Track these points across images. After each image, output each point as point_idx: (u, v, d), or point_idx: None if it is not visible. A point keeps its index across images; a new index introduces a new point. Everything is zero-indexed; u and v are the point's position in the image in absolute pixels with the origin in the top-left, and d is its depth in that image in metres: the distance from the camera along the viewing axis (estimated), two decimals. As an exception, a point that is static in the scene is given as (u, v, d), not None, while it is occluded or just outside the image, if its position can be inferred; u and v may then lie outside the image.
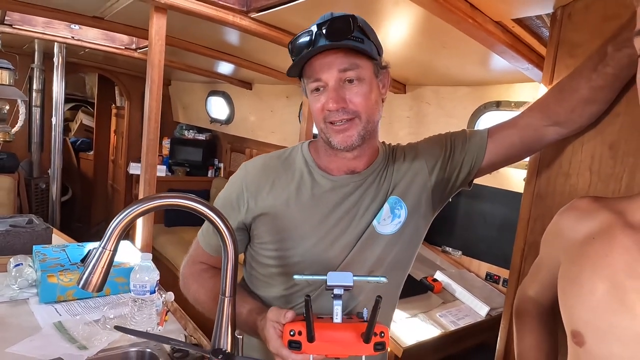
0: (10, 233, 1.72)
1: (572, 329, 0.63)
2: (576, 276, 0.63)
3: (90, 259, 0.77)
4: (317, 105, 0.86)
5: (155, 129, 1.60)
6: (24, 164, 3.93)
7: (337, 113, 0.83)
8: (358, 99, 0.83)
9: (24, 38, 3.11)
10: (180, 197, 0.81)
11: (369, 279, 0.74)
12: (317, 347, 0.70)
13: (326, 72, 0.83)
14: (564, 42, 1.00)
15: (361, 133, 0.85)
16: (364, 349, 0.71)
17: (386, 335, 0.72)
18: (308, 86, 0.87)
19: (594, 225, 0.64)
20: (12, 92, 2.08)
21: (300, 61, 0.84)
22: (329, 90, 0.83)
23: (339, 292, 0.72)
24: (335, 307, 0.73)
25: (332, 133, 0.86)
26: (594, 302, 0.59)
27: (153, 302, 1.09)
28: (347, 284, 0.71)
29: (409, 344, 1.63)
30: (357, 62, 0.83)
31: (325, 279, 0.71)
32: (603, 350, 0.58)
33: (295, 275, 0.74)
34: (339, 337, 0.71)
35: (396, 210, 0.93)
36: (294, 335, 0.70)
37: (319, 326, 0.71)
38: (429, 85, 2.24)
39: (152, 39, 1.53)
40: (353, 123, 0.84)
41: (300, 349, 0.70)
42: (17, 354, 0.97)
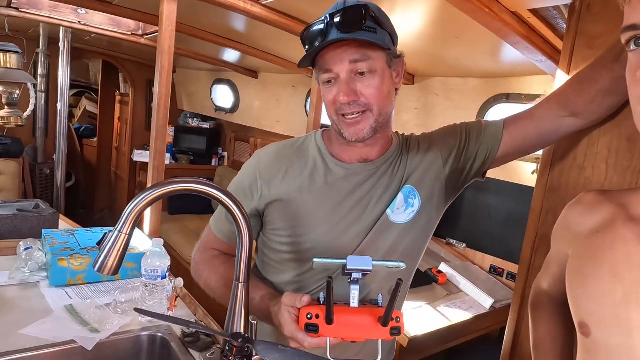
0: (18, 217, 1.72)
1: (579, 320, 0.64)
2: (581, 269, 0.64)
3: (107, 242, 0.77)
4: (329, 97, 0.86)
5: (165, 116, 1.59)
6: (29, 150, 3.93)
7: (349, 106, 0.83)
8: (370, 91, 0.83)
9: (29, 22, 3.09)
10: (195, 182, 0.81)
11: (388, 263, 0.74)
12: (335, 330, 0.71)
13: (338, 64, 0.82)
14: (582, 33, 0.98)
15: (373, 125, 0.85)
16: (381, 332, 0.71)
17: (402, 321, 0.73)
18: (320, 77, 0.86)
19: (598, 218, 0.65)
20: (21, 75, 2.08)
21: (312, 53, 0.83)
22: (341, 82, 0.83)
23: (357, 277, 0.72)
24: (352, 292, 0.73)
25: (343, 125, 0.86)
26: (597, 294, 0.60)
27: (164, 287, 1.10)
28: (366, 268, 0.71)
29: (414, 335, 1.65)
30: (369, 54, 0.82)
31: (345, 263, 0.71)
32: (608, 340, 0.59)
33: (315, 258, 0.74)
34: (356, 320, 0.72)
35: (410, 199, 0.93)
36: (310, 318, 0.70)
37: (337, 310, 0.72)
38: (438, 77, 2.23)
39: (163, 25, 1.52)
40: (365, 116, 0.84)
41: (318, 332, 0.70)
42: (30, 335, 0.98)
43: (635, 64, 0.54)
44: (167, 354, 1.02)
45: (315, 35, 0.82)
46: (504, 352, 1.17)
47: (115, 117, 5.07)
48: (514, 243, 2.34)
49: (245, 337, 0.58)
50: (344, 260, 0.72)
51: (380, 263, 0.73)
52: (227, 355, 0.58)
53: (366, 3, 0.82)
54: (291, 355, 0.57)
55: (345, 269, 0.72)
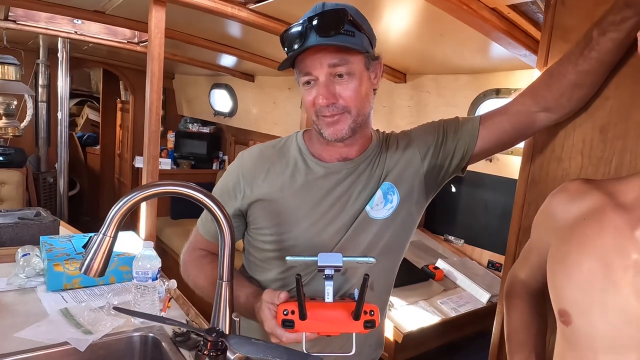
0: (19, 225, 1.76)
1: (559, 308, 0.64)
2: (565, 256, 0.65)
3: (91, 245, 0.80)
4: (308, 98, 0.88)
5: (157, 121, 1.62)
6: (32, 159, 3.99)
7: (327, 108, 0.85)
8: (348, 94, 0.85)
9: (28, 34, 3.14)
10: (177, 184, 0.83)
11: (358, 259, 0.77)
12: (309, 325, 0.73)
13: (317, 68, 0.84)
14: (557, 27, 1.00)
15: (351, 126, 0.87)
16: (354, 326, 0.73)
17: (376, 314, 0.74)
18: (299, 79, 0.89)
19: (584, 206, 0.65)
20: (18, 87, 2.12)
21: (291, 57, 0.85)
22: (319, 85, 0.85)
23: (329, 273, 0.74)
24: (326, 288, 0.75)
25: (323, 125, 0.88)
26: (582, 281, 0.60)
27: (155, 289, 1.13)
28: (336, 264, 0.74)
29: (409, 330, 1.66)
30: (347, 57, 0.84)
31: (316, 259, 0.74)
32: (589, 328, 0.59)
33: (288, 257, 0.76)
34: (330, 315, 0.74)
35: (389, 195, 0.95)
36: (287, 314, 0.73)
37: (311, 305, 0.74)
38: (429, 74, 2.24)
39: (152, 32, 1.55)
40: (343, 117, 0.86)
41: (293, 327, 0.72)
42: (25, 338, 1.01)
43: None
44: (159, 353, 1.05)
45: (294, 38, 0.84)
46: (493, 343, 1.18)
47: (117, 124, 5.12)
48: (511, 238, 2.34)
49: (218, 331, 0.60)
50: (316, 257, 0.74)
51: (350, 259, 0.75)
52: (202, 349, 0.60)
53: (344, 6, 0.83)
54: (263, 348, 0.59)
55: (317, 266, 0.74)
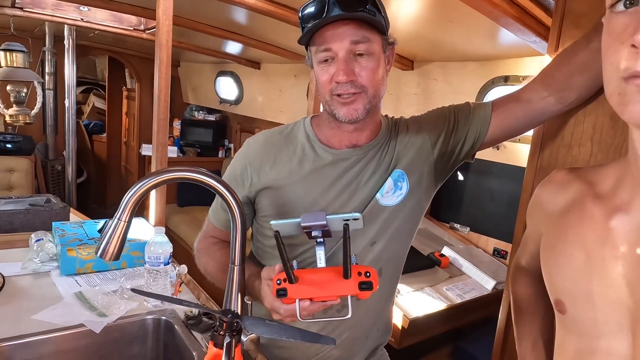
0: (30, 211, 1.79)
1: (554, 298, 0.65)
2: (554, 247, 0.66)
3: (107, 229, 0.81)
4: (324, 76, 0.85)
5: (165, 109, 1.63)
6: (40, 147, 4.02)
7: (345, 86, 0.83)
8: (366, 73, 0.83)
9: (34, 21, 3.14)
10: (189, 170, 0.84)
11: (343, 216, 0.72)
12: (301, 290, 0.71)
13: (337, 42, 0.82)
14: (569, 12, 0.99)
15: (367, 107, 0.86)
16: (347, 287, 0.70)
17: (373, 275, 0.71)
18: (316, 56, 0.86)
19: (568, 196, 0.66)
20: (27, 74, 2.13)
21: (314, 28, 0.82)
22: (339, 61, 0.82)
23: (317, 234, 0.72)
24: (317, 253, 0.73)
25: (337, 105, 0.86)
26: (570, 271, 0.61)
27: (167, 273, 1.15)
28: (320, 223, 0.71)
29: (415, 316, 1.68)
30: (368, 36, 0.82)
31: (299, 220, 0.72)
32: (582, 316, 0.60)
33: (272, 221, 0.74)
34: (321, 278, 0.71)
35: (399, 183, 0.95)
36: (280, 283, 0.71)
37: (303, 272, 0.72)
38: (437, 62, 2.23)
39: (160, 19, 1.55)
40: (359, 97, 0.85)
41: (287, 295, 0.70)
42: (42, 320, 1.03)
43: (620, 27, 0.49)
44: (172, 336, 1.08)
45: (316, 11, 0.81)
46: (499, 329, 1.20)
47: (123, 112, 5.14)
48: (517, 225, 2.34)
49: (234, 313, 0.61)
50: (299, 219, 0.72)
51: (334, 217, 0.72)
52: (218, 330, 0.62)
53: None
54: (277, 329, 0.60)
55: (301, 227, 0.71)
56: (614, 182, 0.62)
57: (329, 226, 0.72)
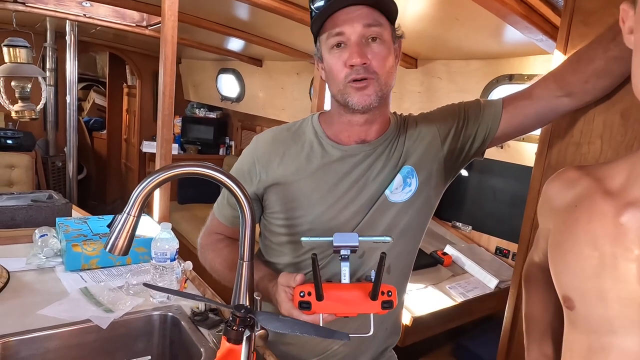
0: (33, 207, 1.78)
1: (562, 294, 0.65)
2: (562, 244, 0.66)
3: (116, 224, 0.81)
4: (337, 62, 0.84)
5: (170, 105, 1.62)
6: (40, 143, 4.01)
7: (359, 69, 0.82)
8: (379, 59, 0.83)
9: (35, 16, 3.12)
10: (199, 165, 0.83)
11: (374, 239, 0.76)
12: (326, 306, 0.72)
13: (350, 26, 0.81)
14: (578, 10, 0.99)
15: (379, 94, 0.84)
16: (371, 306, 0.72)
17: (394, 295, 0.73)
18: (327, 42, 0.85)
19: (576, 193, 0.66)
20: (31, 69, 2.12)
21: (327, 11, 0.81)
22: (352, 45, 0.82)
23: (345, 253, 0.73)
24: (343, 269, 0.75)
25: (351, 92, 0.84)
26: (579, 268, 0.61)
27: (173, 269, 1.14)
28: (352, 244, 0.72)
29: (418, 314, 1.68)
30: (380, 20, 0.82)
31: (332, 239, 0.73)
32: (591, 312, 0.61)
33: (303, 237, 0.76)
34: (347, 296, 0.73)
35: (408, 179, 0.94)
36: (303, 296, 0.72)
37: (328, 287, 0.74)
38: (441, 60, 2.23)
39: (165, 15, 1.54)
40: (372, 82, 0.83)
41: (310, 309, 0.72)
42: (48, 315, 1.03)
43: None
44: (178, 332, 1.07)
45: None
46: (505, 328, 1.20)
47: (123, 109, 5.12)
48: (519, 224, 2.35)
49: (247, 308, 0.61)
50: (332, 237, 0.73)
51: (367, 239, 0.74)
52: (231, 325, 0.61)
53: None
54: (290, 324, 0.60)
55: (333, 246, 0.73)
56: (625, 179, 0.61)
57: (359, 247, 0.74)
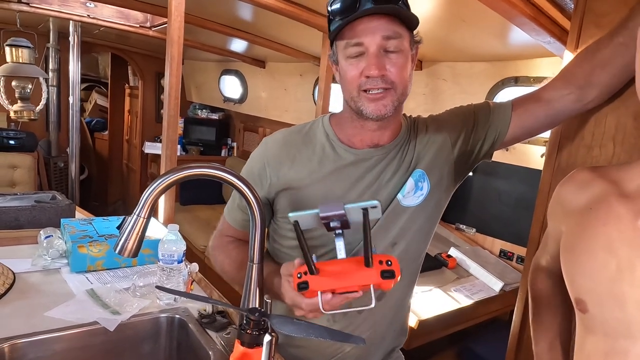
0: (36, 208, 1.77)
1: (575, 297, 0.65)
2: (576, 246, 0.65)
3: (126, 226, 0.80)
4: (353, 72, 0.84)
5: (176, 106, 1.62)
6: (43, 143, 4.00)
7: (375, 80, 0.82)
8: (396, 70, 0.82)
9: (39, 17, 3.12)
10: (209, 167, 0.83)
11: (360, 204, 0.70)
12: (323, 282, 0.69)
13: (369, 37, 0.80)
14: (589, 11, 0.98)
15: (395, 104, 0.84)
16: (369, 276, 0.68)
17: (394, 264, 0.69)
18: (345, 51, 0.84)
19: (590, 195, 0.65)
20: (33, 70, 2.12)
21: (345, 21, 0.80)
22: (370, 56, 0.81)
23: (335, 224, 0.70)
24: (337, 244, 0.72)
25: (365, 101, 0.84)
26: (592, 270, 0.61)
27: (180, 271, 1.14)
28: (338, 212, 0.69)
29: (424, 317, 1.67)
30: (399, 32, 0.81)
31: (318, 211, 0.70)
32: (607, 316, 0.60)
33: (290, 213, 0.73)
34: (342, 268, 0.70)
35: (420, 183, 0.94)
36: (300, 277, 0.69)
37: (323, 264, 0.71)
38: (445, 62, 2.23)
39: (172, 15, 1.54)
40: (388, 93, 0.83)
41: (308, 287, 0.69)
42: (55, 317, 1.02)
43: None
44: (185, 334, 1.06)
45: (347, 4, 0.80)
46: (513, 331, 1.19)
47: (125, 110, 5.12)
48: (523, 227, 2.34)
49: (261, 311, 0.61)
50: (317, 210, 0.70)
51: (352, 205, 0.70)
52: (245, 328, 0.61)
53: None
54: (305, 328, 0.59)
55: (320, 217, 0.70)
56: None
57: (347, 215, 0.71)
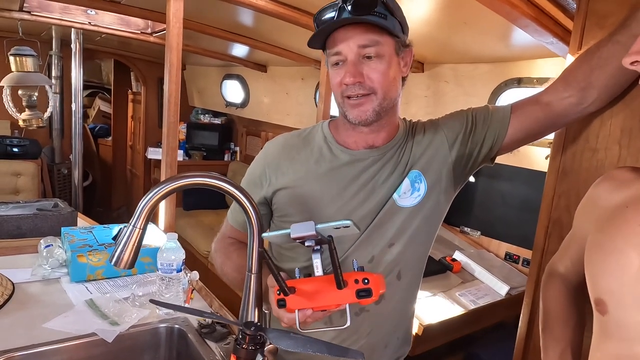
0: (38, 216, 1.77)
1: (595, 297, 0.62)
2: (604, 244, 0.63)
3: (122, 237, 0.79)
4: (336, 79, 0.87)
5: (175, 112, 1.61)
6: (46, 150, 4.02)
7: (354, 87, 0.85)
8: (375, 75, 0.85)
9: (41, 25, 3.14)
10: (205, 176, 0.82)
11: (333, 224, 0.68)
12: (300, 301, 0.70)
13: (346, 46, 0.84)
14: (592, 13, 0.97)
15: (376, 109, 0.87)
16: (344, 296, 0.68)
17: (373, 282, 0.68)
18: (329, 59, 0.88)
19: (628, 194, 0.63)
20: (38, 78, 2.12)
21: (321, 33, 0.84)
22: (347, 64, 0.85)
23: (310, 244, 0.70)
24: (314, 261, 0.72)
25: (348, 107, 0.88)
26: (619, 271, 0.58)
27: (180, 280, 1.13)
28: (309, 234, 0.68)
29: (429, 323, 1.65)
30: (377, 39, 0.83)
31: (289, 232, 0.69)
32: (628, 320, 0.58)
33: (264, 234, 0.74)
34: (317, 287, 0.70)
35: (416, 184, 0.94)
36: (279, 294, 0.70)
37: (299, 281, 0.71)
38: (448, 64, 2.21)
39: (170, 22, 1.53)
40: (368, 99, 0.86)
41: (286, 305, 0.70)
42: (54, 329, 1.01)
43: None
44: (185, 345, 1.05)
45: (327, 16, 0.84)
46: (519, 337, 1.17)
47: (128, 115, 5.14)
48: (529, 229, 2.31)
49: (257, 325, 0.59)
50: (289, 230, 0.69)
51: (324, 225, 0.68)
52: (240, 343, 0.59)
53: None
54: (302, 342, 0.58)
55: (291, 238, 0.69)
56: None
57: (320, 235, 0.70)
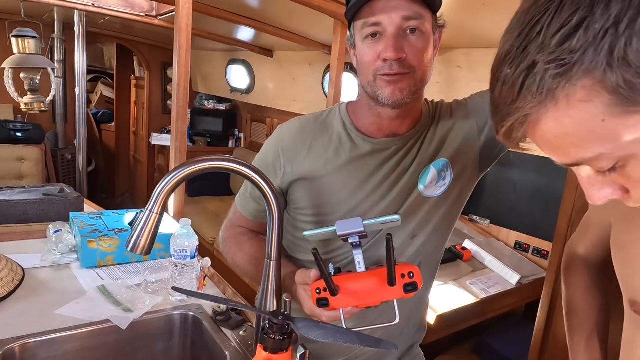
0: (45, 201, 1.74)
1: (629, 298, 0.60)
2: (630, 245, 0.60)
3: (138, 222, 0.77)
4: (370, 54, 0.78)
5: (185, 96, 1.58)
6: (50, 135, 3.98)
7: (393, 64, 0.76)
8: (416, 53, 0.76)
9: (43, 7, 3.08)
10: (224, 159, 0.79)
11: (381, 220, 0.68)
12: (344, 300, 0.68)
13: (388, 16, 0.75)
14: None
15: (412, 89, 0.79)
16: (392, 292, 0.67)
17: (416, 275, 0.67)
18: (361, 31, 0.79)
19: None
20: (40, 61, 2.07)
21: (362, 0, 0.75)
22: (388, 37, 0.76)
23: (354, 241, 0.68)
24: (355, 257, 0.70)
25: (382, 85, 0.79)
26: None
27: (193, 267, 1.10)
28: (357, 230, 0.67)
29: (442, 312, 1.63)
30: (421, 12, 0.76)
31: (335, 229, 0.67)
32: None
33: (305, 232, 0.71)
34: (363, 285, 0.68)
35: (442, 173, 0.89)
36: (320, 293, 0.68)
37: (343, 279, 0.69)
38: (461, 48, 2.15)
39: (179, 2, 1.48)
40: (406, 77, 0.77)
41: (329, 305, 0.68)
42: (66, 315, 0.99)
43: None
44: (200, 332, 1.03)
45: None
46: (537, 328, 1.15)
47: (131, 101, 5.09)
48: (539, 218, 2.29)
49: (285, 314, 0.57)
50: (334, 227, 0.68)
51: (372, 221, 0.68)
52: (268, 333, 0.57)
53: None
54: (333, 333, 0.55)
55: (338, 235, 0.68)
56: None
57: (366, 231, 0.69)
